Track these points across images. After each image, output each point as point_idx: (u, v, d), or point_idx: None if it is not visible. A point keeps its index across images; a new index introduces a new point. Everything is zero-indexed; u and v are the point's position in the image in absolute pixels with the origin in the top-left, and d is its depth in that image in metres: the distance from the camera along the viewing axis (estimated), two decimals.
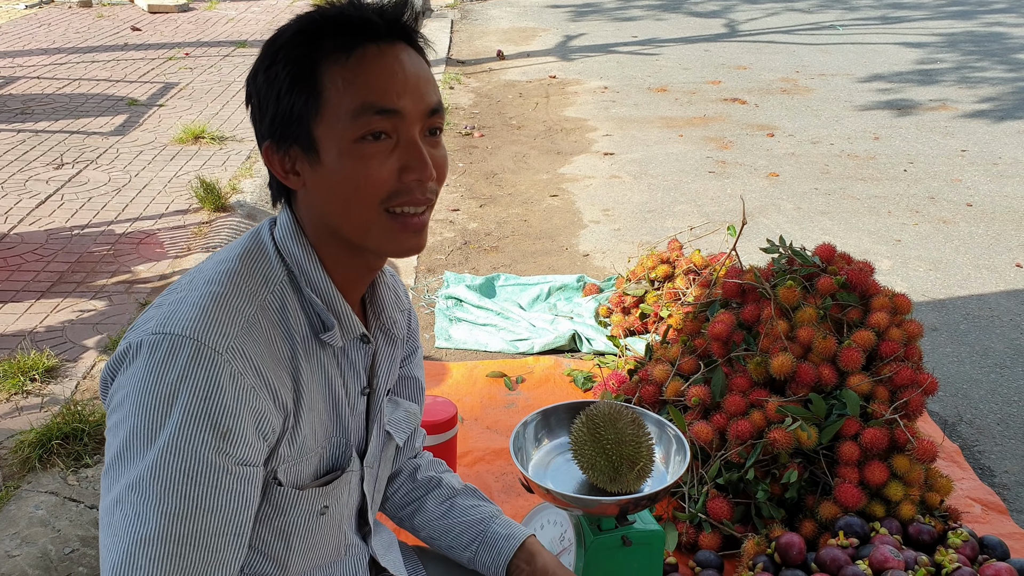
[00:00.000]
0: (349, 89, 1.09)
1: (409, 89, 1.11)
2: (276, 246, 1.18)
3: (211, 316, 1.08)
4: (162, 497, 1.01)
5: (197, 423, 1.03)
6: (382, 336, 1.31)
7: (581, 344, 3.35)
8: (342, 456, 1.24)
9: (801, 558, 2.16)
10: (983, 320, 3.56)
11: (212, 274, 1.14)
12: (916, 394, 2.35)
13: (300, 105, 1.10)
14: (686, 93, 7.06)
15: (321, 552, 1.27)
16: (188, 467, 1.02)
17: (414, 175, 1.12)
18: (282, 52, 1.11)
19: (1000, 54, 8.49)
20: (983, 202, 4.82)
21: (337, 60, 1.09)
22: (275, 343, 1.12)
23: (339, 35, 1.10)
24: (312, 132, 1.10)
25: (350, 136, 1.09)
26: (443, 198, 4.85)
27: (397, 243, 1.15)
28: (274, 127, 1.13)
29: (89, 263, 3.56)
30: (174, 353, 1.04)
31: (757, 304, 2.62)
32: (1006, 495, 2.57)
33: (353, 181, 1.11)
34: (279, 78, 1.11)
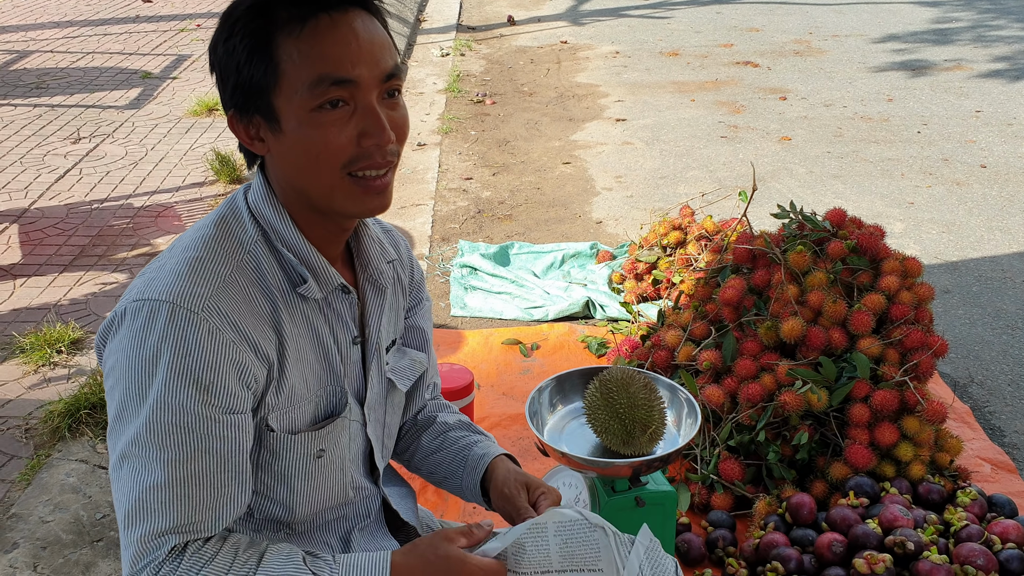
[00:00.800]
0: (304, 61, 1.12)
1: (364, 57, 1.14)
2: (250, 210, 1.23)
3: (186, 279, 1.14)
4: (160, 447, 1.10)
5: (180, 379, 1.10)
6: (370, 287, 1.35)
7: (595, 311, 3.38)
8: (338, 402, 1.29)
9: (812, 518, 2.21)
10: (996, 282, 3.57)
11: (189, 241, 1.20)
12: (926, 356, 2.38)
13: (259, 77, 1.13)
14: (698, 57, 7.02)
15: (326, 494, 1.31)
16: (178, 419, 1.10)
17: (372, 140, 1.15)
18: (239, 24, 1.14)
19: (1017, 12, 8.38)
20: (997, 163, 4.80)
21: (291, 32, 1.12)
22: (254, 299, 1.18)
23: (292, 5, 1.13)
24: (272, 102, 1.14)
25: (308, 106, 1.13)
26: (456, 166, 4.88)
27: (361, 205, 1.20)
28: (236, 97, 1.17)
29: (109, 236, 3.62)
30: (153, 317, 1.11)
31: (768, 269, 2.65)
32: (1015, 454, 2.61)
33: (314, 148, 1.15)
34: (237, 50, 1.14)
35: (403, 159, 4.94)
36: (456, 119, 5.66)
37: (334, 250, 1.28)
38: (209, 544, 1.14)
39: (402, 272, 1.46)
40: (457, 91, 6.18)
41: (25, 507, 2.11)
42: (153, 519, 1.10)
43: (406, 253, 1.49)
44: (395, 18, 7.70)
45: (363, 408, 1.34)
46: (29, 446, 2.37)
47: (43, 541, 2.02)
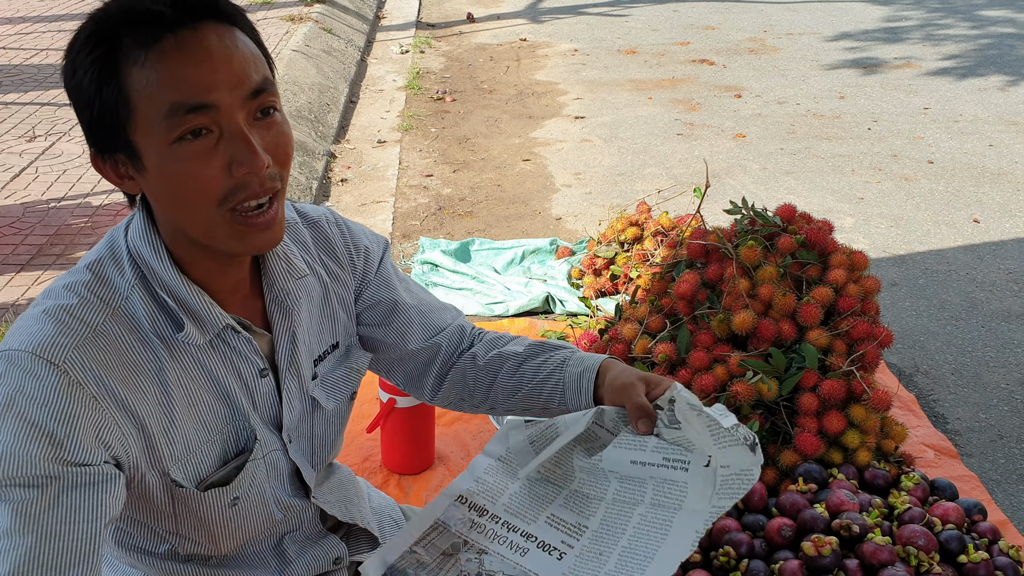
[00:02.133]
0: (155, 90, 1.01)
1: (221, 76, 1.02)
2: (128, 250, 1.14)
3: (51, 328, 1.06)
4: (13, 523, 0.99)
5: (30, 430, 1.01)
6: (277, 310, 1.27)
7: (554, 306, 3.44)
8: (246, 438, 1.24)
9: (762, 503, 2.28)
10: (941, 274, 3.69)
11: (60, 288, 1.12)
12: (872, 347, 2.47)
13: (111, 112, 1.03)
14: (655, 55, 7.12)
15: (250, 529, 1.30)
16: (23, 482, 1.00)
17: (244, 168, 1.05)
18: (80, 56, 1.03)
19: (964, 11, 8.59)
20: (944, 159, 4.94)
21: (136, 59, 1.01)
22: (131, 349, 1.10)
23: (134, 30, 1.01)
24: (130, 138, 1.04)
25: (167, 139, 1.02)
26: (416, 163, 4.91)
27: (245, 243, 1.10)
28: (94, 135, 1.07)
29: (68, 236, 3.60)
30: (12, 366, 1.04)
31: (720, 264, 2.73)
32: (957, 440, 2.71)
33: (182, 185, 1.05)
34: (84, 85, 1.03)
35: (363, 156, 4.98)
36: (416, 116, 5.68)
37: (230, 280, 1.20)
38: None
39: (338, 267, 1.38)
40: (417, 88, 6.21)
41: None
42: None
43: (342, 242, 1.38)
44: (353, 15, 7.70)
45: (281, 434, 1.30)
46: None
47: None
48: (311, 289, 1.33)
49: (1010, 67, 6.69)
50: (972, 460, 2.63)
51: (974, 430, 2.75)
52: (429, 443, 2.58)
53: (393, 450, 2.55)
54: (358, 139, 5.32)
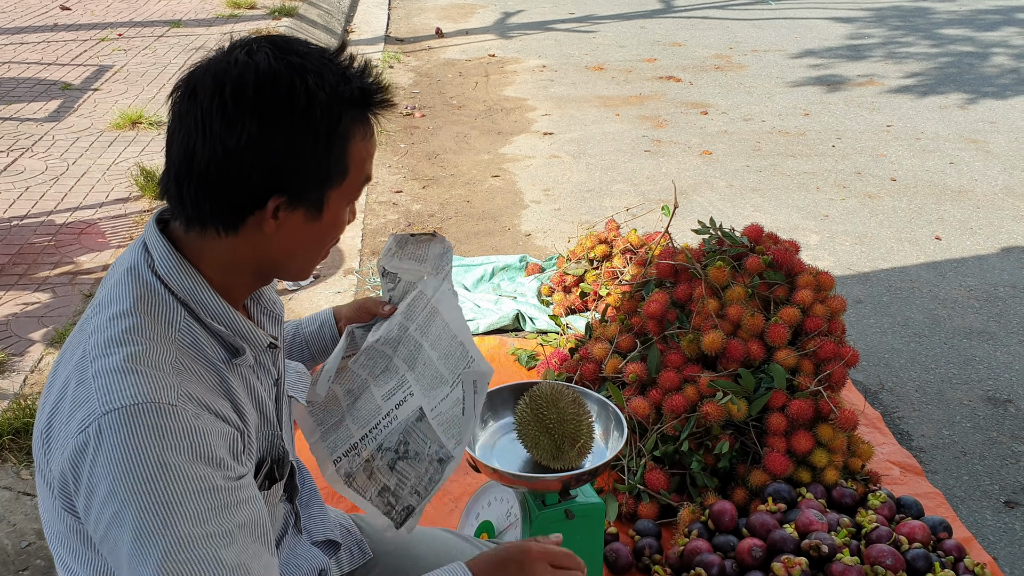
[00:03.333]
0: (366, 161, 1.20)
1: None
2: (165, 285, 1.16)
3: (146, 376, 1.07)
4: (214, 535, 1.04)
5: (194, 464, 1.05)
6: (267, 320, 1.36)
7: (524, 323, 3.45)
8: (273, 446, 1.30)
9: (733, 524, 2.30)
10: (904, 292, 3.75)
11: (116, 335, 1.11)
12: (839, 366, 2.50)
13: (324, 170, 1.14)
14: (622, 71, 7.17)
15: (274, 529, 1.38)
16: (211, 501, 1.05)
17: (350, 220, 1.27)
18: (305, 120, 1.11)
19: (925, 29, 8.75)
20: (906, 176, 5.02)
21: (361, 134, 1.17)
22: (204, 376, 1.15)
23: (364, 108, 1.17)
24: (324, 195, 1.17)
25: (352, 198, 1.22)
26: (386, 179, 4.90)
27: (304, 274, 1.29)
28: (290, 188, 1.13)
29: (30, 255, 3.55)
30: (135, 422, 1.04)
31: (689, 284, 2.75)
32: (922, 457, 2.75)
33: (332, 235, 1.24)
34: (303, 147, 1.11)
35: None
36: (385, 132, 5.68)
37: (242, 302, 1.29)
38: None
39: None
40: None
41: None
42: None
43: None
44: (322, 29, 7.68)
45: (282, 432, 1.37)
46: None
47: None
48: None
49: (969, 85, 6.82)
50: (937, 477, 2.66)
51: (938, 447, 2.80)
52: None
53: None
54: None
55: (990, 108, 6.27)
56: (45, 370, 2.83)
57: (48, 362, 2.87)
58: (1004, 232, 4.33)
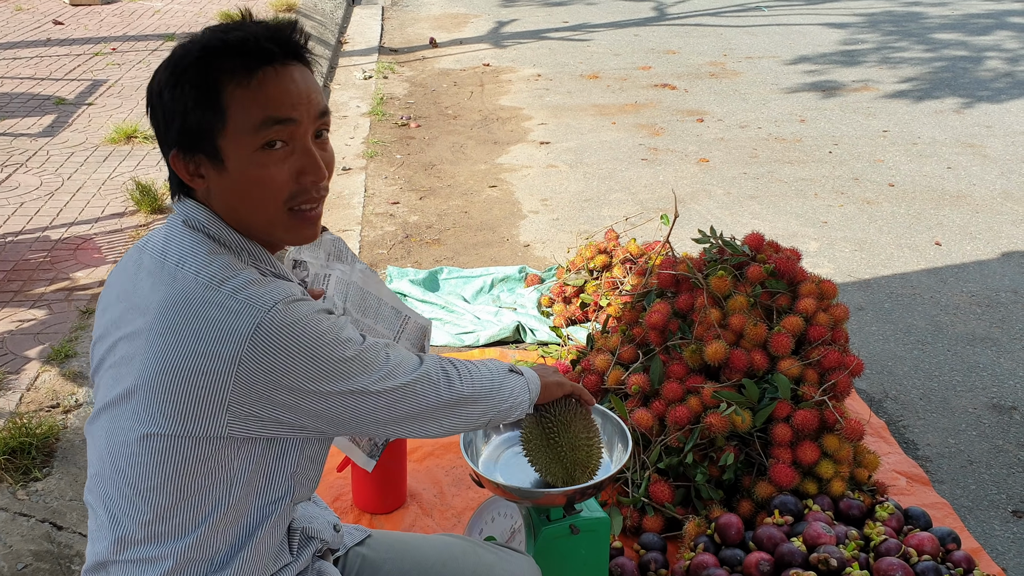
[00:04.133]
0: (252, 106, 1.26)
1: (302, 99, 1.29)
2: (217, 240, 1.33)
3: (263, 289, 1.25)
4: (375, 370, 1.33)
5: (340, 337, 1.29)
6: None
7: (525, 335, 3.42)
8: None
9: (739, 537, 2.27)
10: (906, 298, 3.73)
11: (214, 277, 1.26)
12: (843, 376, 2.48)
13: (206, 121, 1.26)
14: (617, 80, 7.16)
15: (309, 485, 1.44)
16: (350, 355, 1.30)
17: (309, 177, 1.31)
18: (188, 73, 1.26)
19: (918, 34, 8.76)
20: (904, 182, 5.01)
21: (239, 83, 1.26)
22: None
23: (244, 58, 1.26)
24: (217, 143, 1.27)
25: (252, 146, 1.27)
26: (382, 191, 4.88)
27: (298, 235, 1.36)
28: (181, 138, 1.28)
29: (26, 271, 3.52)
30: (287, 313, 1.24)
31: (691, 293, 2.73)
32: (928, 467, 2.72)
33: (258, 186, 1.29)
34: (185, 96, 1.26)
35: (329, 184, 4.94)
36: (381, 143, 5.66)
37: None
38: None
39: None
40: (381, 114, 6.18)
41: None
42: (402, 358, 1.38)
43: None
44: (316, 40, 7.67)
45: None
46: None
47: None
48: None
49: (964, 89, 6.82)
50: (943, 487, 2.64)
51: (944, 456, 2.77)
52: (400, 481, 2.54)
53: (363, 489, 2.51)
54: None
55: (985, 112, 6.27)
56: (42, 388, 2.80)
57: (45, 379, 2.83)
58: (1004, 237, 4.32)
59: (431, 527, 2.49)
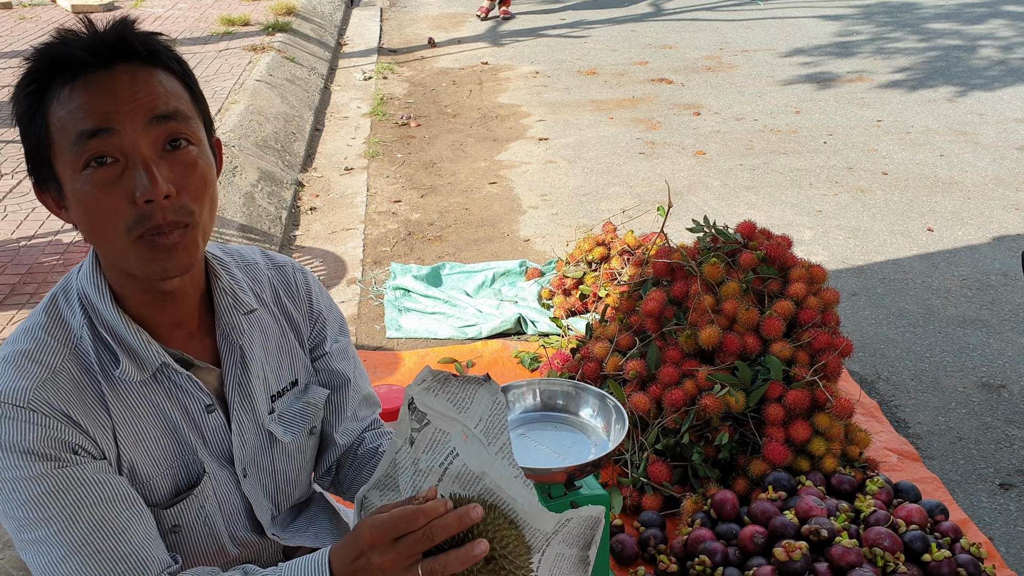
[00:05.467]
0: (66, 121, 1.11)
1: (122, 106, 1.11)
2: (77, 290, 1.24)
3: (12, 374, 1.17)
4: (45, 525, 1.15)
5: (21, 458, 1.14)
6: (225, 346, 1.33)
7: (526, 327, 3.51)
8: (191, 474, 1.30)
9: (735, 512, 2.36)
10: (898, 283, 3.82)
11: (20, 331, 1.22)
12: (833, 356, 2.57)
13: (38, 143, 1.14)
14: (615, 75, 7.25)
15: (201, 557, 1.34)
16: (35, 491, 1.14)
17: (145, 194, 1.11)
18: (19, 91, 1.16)
19: (913, 24, 8.83)
20: (897, 170, 5.09)
21: (56, 96, 1.12)
22: (85, 386, 1.20)
23: (60, 72, 1.13)
24: (54, 168, 1.15)
25: (76, 166, 1.12)
26: (384, 190, 4.97)
27: (153, 267, 1.16)
28: (31, 166, 1.18)
29: (40, 273, 3.62)
30: None
31: (685, 281, 2.82)
32: (919, 444, 2.81)
33: (92, 211, 1.13)
34: (21, 119, 1.16)
35: (331, 184, 5.04)
36: (382, 142, 5.75)
37: (169, 316, 1.26)
38: None
39: (294, 308, 1.45)
40: (381, 114, 6.27)
41: None
42: None
43: (303, 289, 1.47)
44: (315, 42, 7.76)
45: (233, 467, 1.35)
46: None
47: None
48: (265, 325, 1.40)
49: (958, 78, 6.90)
50: (933, 463, 2.73)
51: (934, 433, 2.86)
52: None
53: None
54: (325, 167, 5.37)
55: (979, 100, 6.35)
56: None
57: None
58: (995, 221, 4.40)
59: None
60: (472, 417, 1.19)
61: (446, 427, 1.18)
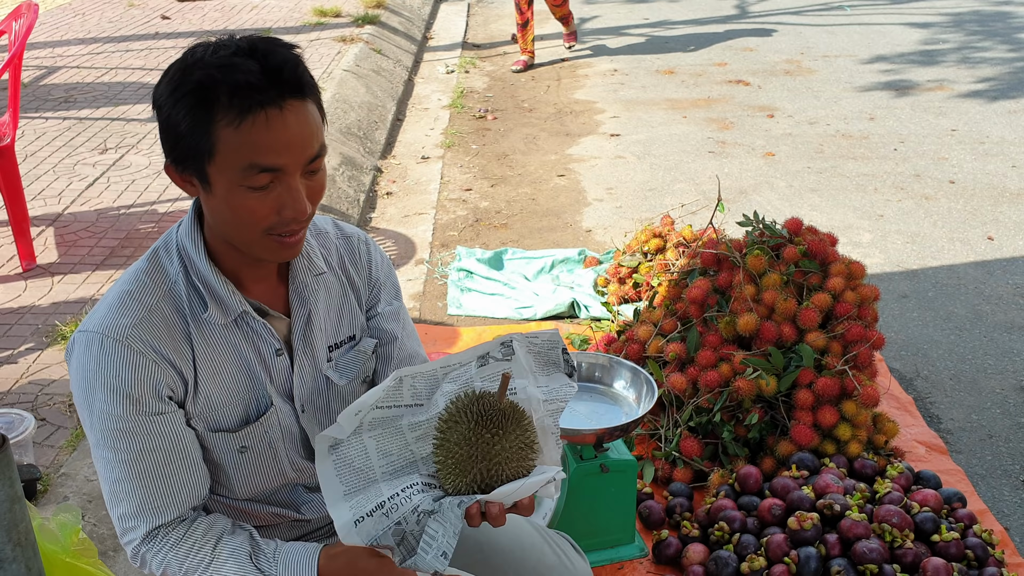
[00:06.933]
0: (240, 149, 1.28)
1: (292, 147, 1.30)
2: (177, 243, 1.45)
3: (116, 311, 1.40)
4: (113, 451, 1.41)
5: (114, 394, 1.38)
6: (296, 300, 1.54)
7: (579, 311, 3.70)
8: (260, 406, 1.52)
9: (758, 487, 2.51)
10: (950, 288, 3.87)
11: (129, 274, 1.45)
12: (864, 348, 2.69)
13: (197, 149, 1.30)
14: (692, 75, 7.35)
15: (262, 479, 1.57)
16: (118, 427, 1.39)
17: (290, 213, 1.34)
18: (184, 99, 1.28)
19: (1004, 33, 8.68)
20: (965, 179, 5.10)
21: (230, 123, 1.27)
22: (175, 324, 1.42)
23: (234, 96, 1.26)
24: (206, 170, 1.32)
25: (237, 183, 1.31)
26: (456, 178, 5.21)
27: (276, 255, 1.41)
28: (174, 154, 1.34)
29: (137, 239, 3.95)
30: (90, 346, 1.39)
31: (731, 271, 2.96)
32: (948, 439, 2.90)
33: (240, 214, 1.34)
34: (180, 122, 1.29)
35: (407, 171, 5.30)
36: (458, 134, 5.99)
37: (260, 271, 1.49)
38: (176, 530, 1.43)
39: (356, 274, 1.65)
40: (460, 107, 6.51)
41: (72, 468, 2.43)
42: (123, 503, 1.42)
43: (365, 258, 1.67)
44: (403, 36, 8.06)
45: (294, 403, 1.56)
46: (73, 419, 2.69)
47: (88, 496, 2.34)
48: (330, 285, 1.62)
49: None
50: (960, 456, 2.82)
51: (965, 430, 2.95)
52: None
53: None
54: (403, 155, 5.63)
55: None
56: None
57: None
58: None
59: None
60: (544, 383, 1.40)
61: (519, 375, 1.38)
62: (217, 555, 1.43)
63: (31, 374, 2.94)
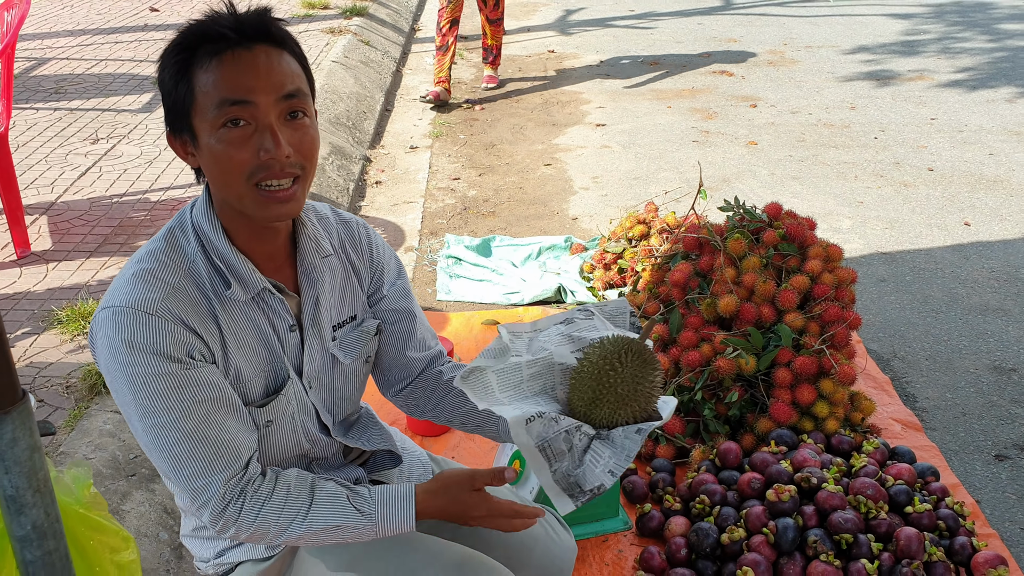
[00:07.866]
0: (211, 88, 1.37)
1: (260, 83, 1.37)
2: (193, 223, 1.49)
3: (141, 287, 1.41)
4: (162, 414, 1.41)
5: (147, 355, 1.40)
6: (305, 280, 1.59)
7: (565, 296, 3.77)
8: (279, 378, 1.57)
9: (737, 462, 2.60)
10: (927, 272, 3.97)
11: (144, 253, 1.47)
12: (841, 328, 2.77)
13: (181, 100, 1.39)
14: (677, 66, 7.43)
15: (285, 448, 1.63)
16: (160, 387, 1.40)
17: (268, 153, 1.38)
18: (170, 57, 1.40)
19: (984, 24, 8.79)
20: (944, 167, 5.21)
21: (203, 65, 1.37)
22: (199, 301, 1.46)
23: (207, 43, 1.38)
24: (192, 122, 1.40)
25: (215, 124, 1.38)
26: (445, 168, 5.27)
27: (267, 211, 1.43)
28: (169, 118, 1.43)
29: (129, 227, 4.00)
30: (118, 319, 1.40)
31: (712, 255, 3.05)
32: (924, 416, 3.00)
33: (221, 161, 1.39)
34: (167, 80, 1.40)
35: (396, 160, 5.36)
36: (447, 124, 6.05)
37: (269, 249, 1.54)
38: (264, 484, 1.46)
39: (357, 258, 1.70)
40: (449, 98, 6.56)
41: (71, 447, 2.49)
42: (187, 465, 1.42)
43: (365, 242, 1.73)
44: (390, 27, 8.10)
45: (303, 379, 1.61)
46: (71, 400, 2.75)
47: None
48: (334, 268, 1.69)
49: (1022, 79, 6.91)
50: (935, 433, 2.91)
51: (940, 408, 3.04)
52: None
53: None
54: (392, 145, 5.69)
55: None
56: None
57: None
58: None
59: (473, 449, 2.87)
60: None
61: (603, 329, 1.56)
62: (316, 499, 1.47)
63: (28, 357, 2.99)
